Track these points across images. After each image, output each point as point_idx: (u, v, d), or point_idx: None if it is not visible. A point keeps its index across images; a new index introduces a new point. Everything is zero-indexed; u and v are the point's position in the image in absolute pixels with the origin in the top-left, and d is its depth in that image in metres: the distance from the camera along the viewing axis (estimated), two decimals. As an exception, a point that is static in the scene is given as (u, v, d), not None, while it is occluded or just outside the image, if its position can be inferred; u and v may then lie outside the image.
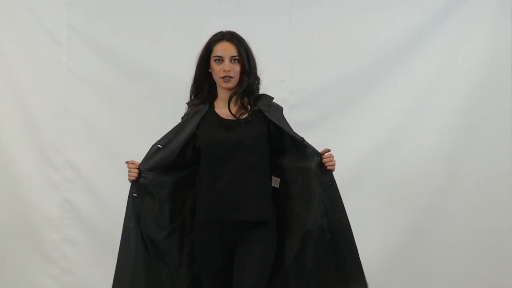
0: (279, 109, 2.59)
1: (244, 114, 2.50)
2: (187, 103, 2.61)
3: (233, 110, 2.50)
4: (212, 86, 2.56)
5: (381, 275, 3.70)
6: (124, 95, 3.74)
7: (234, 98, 2.52)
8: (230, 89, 2.50)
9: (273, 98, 2.60)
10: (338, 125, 3.69)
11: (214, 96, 2.57)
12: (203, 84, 2.55)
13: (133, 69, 3.72)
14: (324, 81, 3.69)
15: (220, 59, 2.47)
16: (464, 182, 3.67)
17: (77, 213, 3.75)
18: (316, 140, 3.68)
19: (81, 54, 3.73)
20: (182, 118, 2.61)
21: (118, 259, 2.57)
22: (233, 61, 2.47)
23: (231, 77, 2.46)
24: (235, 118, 2.49)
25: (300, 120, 3.70)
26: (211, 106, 2.56)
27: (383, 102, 3.69)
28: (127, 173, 3.71)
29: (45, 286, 3.74)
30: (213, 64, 2.49)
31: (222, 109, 2.53)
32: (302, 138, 2.55)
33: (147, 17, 3.74)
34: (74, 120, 3.75)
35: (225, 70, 2.45)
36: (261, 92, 2.64)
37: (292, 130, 2.56)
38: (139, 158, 3.68)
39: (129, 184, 3.71)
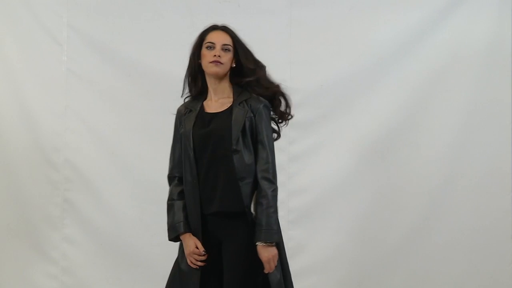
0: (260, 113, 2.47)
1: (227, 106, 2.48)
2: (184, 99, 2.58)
3: (217, 103, 2.49)
4: (205, 80, 2.52)
5: (381, 275, 3.71)
6: (124, 95, 3.75)
7: (222, 90, 2.49)
8: (217, 76, 2.46)
9: (262, 102, 2.48)
10: (338, 125, 3.69)
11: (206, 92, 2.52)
12: (197, 76, 2.50)
13: (133, 68, 3.72)
14: (324, 81, 3.69)
15: (212, 46, 2.44)
16: (464, 182, 3.67)
17: (77, 212, 3.75)
18: (315, 140, 3.72)
19: (81, 54, 3.74)
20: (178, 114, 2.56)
21: None
22: (224, 49, 2.44)
23: (220, 62, 2.42)
24: (217, 111, 2.46)
25: (300, 120, 3.70)
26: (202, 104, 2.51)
27: (383, 102, 3.68)
28: (126, 172, 3.74)
29: (45, 286, 3.75)
30: (204, 51, 2.45)
31: (208, 102, 2.51)
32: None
33: (147, 17, 3.75)
34: (74, 120, 3.76)
35: (216, 55, 2.41)
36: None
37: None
38: (138, 157, 3.71)
39: (129, 183, 3.74)
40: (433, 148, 3.68)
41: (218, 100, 2.50)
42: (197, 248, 2.40)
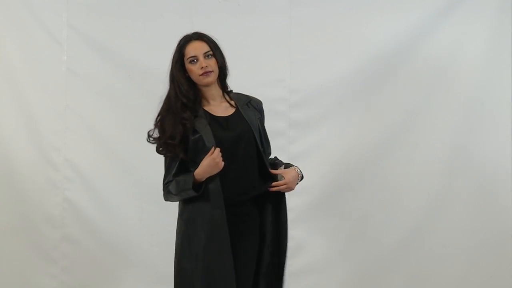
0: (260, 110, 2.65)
1: (232, 109, 2.57)
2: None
3: (221, 107, 2.56)
4: (194, 89, 2.56)
5: (381, 275, 3.71)
6: (124, 94, 3.75)
7: (219, 94, 2.57)
8: (210, 84, 2.53)
9: (260, 102, 2.66)
10: (337, 124, 3.69)
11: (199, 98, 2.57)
12: (189, 88, 2.54)
13: (133, 68, 3.72)
14: (323, 80, 3.68)
15: (194, 59, 2.50)
16: (464, 182, 3.66)
17: (77, 212, 3.76)
18: (315, 139, 3.72)
19: (81, 53, 3.74)
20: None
21: None
22: (207, 56, 2.50)
23: (210, 71, 2.49)
24: (227, 115, 2.55)
25: (300, 120, 3.71)
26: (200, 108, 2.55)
27: (383, 101, 3.68)
28: (126, 172, 3.75)
29: (45, 285, 3.75)
30: (189, 66, 2.52)
31: (209, 107, 2.56)
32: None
33: (147, 16, 3.75)
34: (74, 119, 3.76)
35: (202, 66, 2.48)
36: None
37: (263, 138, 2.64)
38: (138, 157, 3.71)
39: (129, 183, 3.74)
40: (433, 148, 3.68)
41: (221, 104, 2.57)
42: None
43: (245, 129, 2.51)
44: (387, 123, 3.69)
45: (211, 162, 2.40)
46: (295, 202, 3.66)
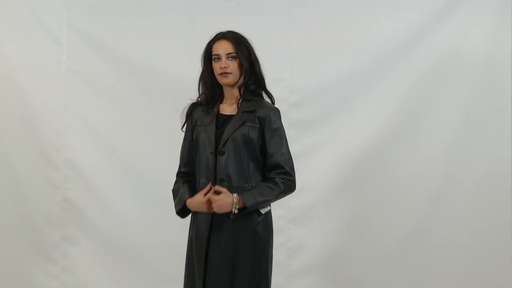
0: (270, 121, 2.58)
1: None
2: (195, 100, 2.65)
3: (232, 107, 2.57)
4: (218, 85, 2.61)
5: (381, 275, 3.71)
6: (124, 94, 3.75)
7: (235, 94, 2.57)
8: (229, 85, 2.55)
9: (270, 109, 2.59)
10: (338, 124, 3.69)
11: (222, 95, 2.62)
12: (213, 85, 2.58)
13: (133, 68, 3.73)
14: (324, 80, 3.69)
15: (217, 57, 2.53)
16: (464, 182, 3.66)
17: (77, 211, 3.76)
18: (315, 139, 3.72)
19: (81, 53, 3.74)
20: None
21: None
22: (230, 58, 2.51)
23: (228, 73, 2.50)
24: (230, 114, 2.56)
25: (300, 119, 3.71)
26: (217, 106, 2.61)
27: (383, 101, 3.68)
28: (126, 171, 3.75)
29: (45, 285, 3.75)
30: (213, 64, 2.55)
31: (223, 105, 2.60)
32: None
33: (147, 16, 3.75)
34: (74, 119, 3.76)
35: (222, 66, 2.50)
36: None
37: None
38: (138, 157, 3.72)
39: (129, 183, 3.75)
40: (433, 148, 3.68)
41: (232, 105, 2.59)
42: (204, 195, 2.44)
43: (233, 130, 2.51)
44: (387, 123, 3.69)
45: (200, 204, 2.44)
46: (295, 202, 3.66)
